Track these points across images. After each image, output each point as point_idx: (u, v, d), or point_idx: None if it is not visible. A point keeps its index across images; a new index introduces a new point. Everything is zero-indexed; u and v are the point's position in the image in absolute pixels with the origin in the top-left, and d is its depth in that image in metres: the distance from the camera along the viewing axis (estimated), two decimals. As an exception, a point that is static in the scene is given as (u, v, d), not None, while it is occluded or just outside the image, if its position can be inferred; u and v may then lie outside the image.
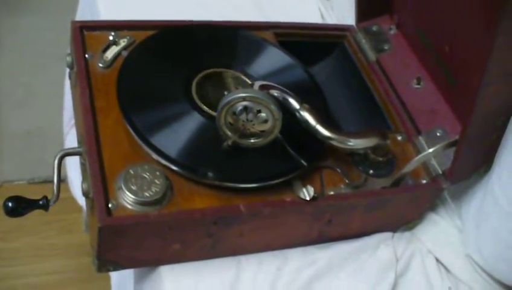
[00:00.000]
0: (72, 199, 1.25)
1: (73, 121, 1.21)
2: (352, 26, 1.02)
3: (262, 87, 0.73)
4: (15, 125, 1.85)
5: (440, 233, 0.88)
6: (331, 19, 1.16)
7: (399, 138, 0.87)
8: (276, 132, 0.73)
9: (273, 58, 0.89)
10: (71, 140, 1.24)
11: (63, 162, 0.74)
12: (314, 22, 1.12)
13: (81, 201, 1.23)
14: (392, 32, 1.00)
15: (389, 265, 0.83)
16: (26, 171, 1.75)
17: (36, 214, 0.75)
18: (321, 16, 1.17)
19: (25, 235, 1.60)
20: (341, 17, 1.15)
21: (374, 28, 1.01)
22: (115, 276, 0.99)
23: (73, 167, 1.23)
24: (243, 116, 0.71)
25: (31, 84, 1.95)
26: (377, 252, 0.84)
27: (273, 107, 0.70)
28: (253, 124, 0.72)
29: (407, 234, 0.88)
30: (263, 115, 0.71)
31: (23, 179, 1.74)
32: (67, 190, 1.26)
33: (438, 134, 0.85)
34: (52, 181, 0.72)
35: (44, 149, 1.76)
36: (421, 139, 0.86)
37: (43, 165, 1.70)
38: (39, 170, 1.72)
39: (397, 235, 0.87)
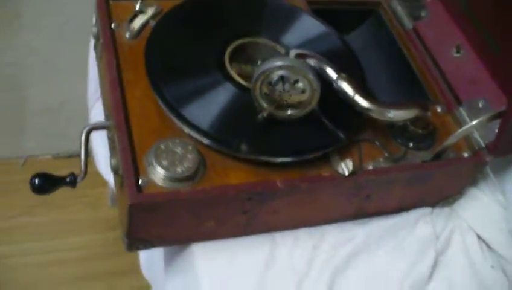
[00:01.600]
0: (97, 174, 1.23)
1: (98, 94, 1.19)
2: (387, -8, 0.98)
3: (298, 55, 0.70)
4: (38, 100, 1.84)
5: (482, 209, 0.85)
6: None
7: (438, 109, 0.84)
8: (314, 103, 0.69)
9: (306, 26, 0.85)
10: (96, 114, 1.22)
11: (90, 134, 0.71)
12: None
13: (107, 176, 1.21)
14: (429, -2, 0.95)
15: (428, 242, 0.81)
16: (50, 146, 1.74)
17: (62, 189, 0.72)
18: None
19: (51, 210, 1.60)
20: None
21: (410, -6, 0.96)
22: (144, 253, 0.97)
23: (98, 141, 1.21)
24: (279, 87, 0.68)
25: (52, 58, 1.93)
26: (416, 228, 0.82)
27: (311, 76, 0.67)
28: (290, 95, 0.69)
29: (446, 209, 0.85)
30: (300, 85, 0.68)
31: (48, 153, 1.73)
32: (93, 164, 1.24)
33: (480, 105, 0.82)
34: (79, 156, 0.70)
35: (69, 123, 1.74)
36: (462, 111, 0.82)
37: (68, 139, 1.68)
38: (64, 144, 1.71)
39: (436, 210, 0.84)
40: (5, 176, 1.64)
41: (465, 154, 0.80)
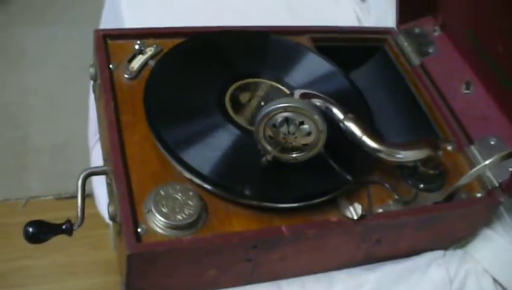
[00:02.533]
0: (99, 215, 1.21)
1: (98, 135, 1.17)
2: (392, 28, 0.96)
3: (303, 96, 0.67)
4: (40, 140, 1.83)
5: (496, 251, 0.81)
6: (368, 22, 1.10)
7: (449, 147, 0.81)
8: (321, 145, 0.66)
9: (311, 65, 0.83)
10: (97, 155, 1.20)
11: (88, 179, 0.69)
12: (350, 25, 1.07)
13: (108, 218, 1.19)
14: (436, 33, 0.93)
15: (442, 287, 0.78)
16: (52, 187, 1.72)
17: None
18: (357, 19, 1.12)
19: (52, 253, 1.58)
20: (379, 19, 1.09)
21: (417, 30, 0.94)
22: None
23: (99, 183, 1.19)
24: (284, 129, 0.65)
25: (55, 98, 1.93)
26: (428, 272, 0.79)
27: (317, 118, 0.64)
28: (295, 137, 0.66)
29: (459, 252, 0.82)
30: (306, 126, 0.65)
31: (50, 194, 1.71)
32: (94, 206, 1.22)
33: (492, 143, 0.80)
34: (76, 202, 0.67)
35: (71, 163, 1.73)
36: (474, 149, 0.80)
37: (70, 179, 1.65)
38: (66, 184, 1.69)
39: (449, 253, 0.81)
40: (6, 218, 1.62)
41: (478, 195, 0.77)
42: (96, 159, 1.19)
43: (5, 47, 2.07)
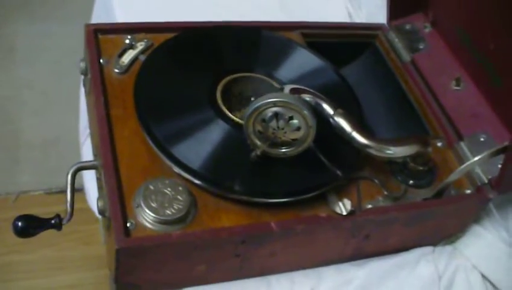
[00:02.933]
0: (89, 209, 1.20)
1: (88, 130, 1.16)
2: (383, 24, 0.96)
3: (293, 91, 0.67)
4: (31, 135, 1.82)
5: (485, 247, 0.82)
6: (360, 18, 1.10)
7: (439, 144, 0.81)
8: (310, 140, 0.66)
9: (302, 60, 0.83)
10: (87, 150, 1.20)
11: (78, 173, 0.69)
12: (341, 21, 1.07)
13: (98, 213, 1.18)
14: (426, 30, 0.94)
15: (431, 283, 0.78)
16: (43, 181, 1.71)
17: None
18: (349, 15, 1.12)
19: (41, 247, 1.56)
20: (370, 15, 1.09)
21: (407, 27, 0.95)
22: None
23: (90, 177, 1.19)
24: (273, 124, 0.65)
25: (47, 93, 1.92)
26: (417, 268, 0.79)
27: (306, 113, 0.64)
28: (285, 132, 0.66)
29: (448, 248, 0.82)
30: (295, 121, 0.65)
31: (41, 189, 1.70)
32: (84, 201, 1.21)
33: (482, 139, 0.80)
34: (65, 197, 0.67)
35: (62, 158, 1.72)
36: (463, 146, 0.80)
37: (61, 174, 1.64)
38: (56, 179, 1.68)
39: (438, 249, 0.81)
40: (-4, 213, 1.61)
41: (468, 191, 0.77)
42: (87, 153, 1.19)
43: (-4, 42, 2.06)
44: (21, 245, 1.54)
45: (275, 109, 0.64)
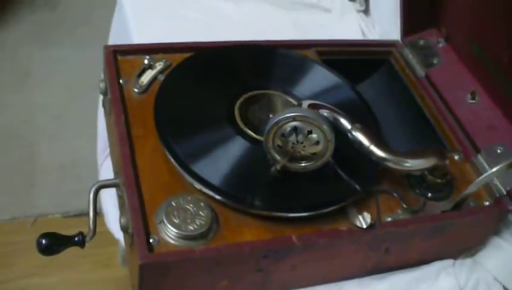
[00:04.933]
0: (107, 232, 1.21)
1: (107, 151, 1.17)
2: (397, 41, 0.97)
3: (311, 106, 0.68)
4: (48, 158, 1.84)
5: (506, 259, 0.81)
6: (373, 35, 1.11)
7: (456, 157, 0.81)
8: (329, 154, 0.67)
9: (318, 77, 0.84)
10: (106, 171, 1.20)
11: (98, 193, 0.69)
12: (356, 38, 1.08)
13: (117, 234, 1.19)
14: (440, 45, 0.94)
15: (452, 296, 0.77)
16: (60, 205, 1.72)
17: (71, 249, 0.70)
18: (362, 32, 1.13)
19: (60, 270, 1.57)
20: (383, 32, 1.10)
21: (421, 42, 0.95)
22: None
23: (107, 199, 1.19)
24: (293, 138, 0.66)
25: (62, 117, 1.94)
26: (438, 281, 0.79)
27: (325, 127, 0.65)
28: (304, 146, 0.67)
29: (469, 260, 0.82)
30: (314, 136, 0.66)
31: (58, 212, 1.71)
32: (102, 223, 1.22)
33: (499, 151, 0.80)
34: (88, 216, 0.68)
35: (79, 181, 1.73)
36: (480, 158, 0.80)
37: (78, 197, 1.66)
38: (74, 202, 1.70)
39: (458, 262, 0.81)
40: (14, 236, 1.62)
41: (486, 203, 0.77)
42: (105, 174, 1.20)
43: (11, 66, 2.08)
44: (40, 268, 1.55)
45: (294, 123, 0.65)
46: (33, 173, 1.79)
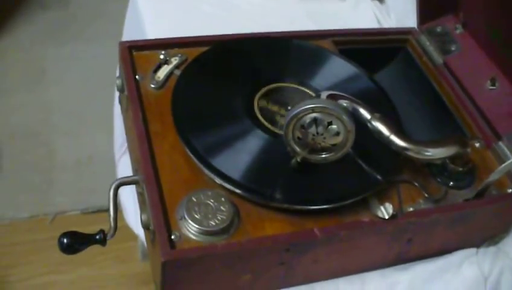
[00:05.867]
0: (126, 227, 1.21)
1: (124, 147, 1.17)
2: (414, 28, 0.96)
3: (330, 97, 0.67)
4: (65, 156, 1.84)
5: (530, 246, 0.80)
6: (388, 24, 1.10)
7: (477, 144, 0.81)
8: (349, 145, 0.66)
9: (335, 68, 0.83)
10: (123, 167, 1.21)
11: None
12: (372, 27, 1.07)
13: (137, 230, 1.19)
14: (458, 31, 0.93)
15: (476, 285, 0.77)
16: (78, 201, 1.73)
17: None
18: (377, 21, 1.11)
19: (79, 267, 1.58)
20: (399, 20, 1.09)
21: (438, 29, 0.94)
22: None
23: (126, 194, 1.19)
24: (313, 130, 0.65)
25: (78, 113, 1.94)
26: (462, 270, 0.78)
27: (345, 118, 0.64)
28: (324, 138, 0.66)
29: (492, 249, 0.81)
30: (334, 127, 0.65)
31: (77, 209, 1.71)
32: (121, 218, 1.22)
33: (521, 138, 0.79)
34: (108, 213, 0.68)
35: (96, 178, 1.74)
36: (502, 145, 0.79)
37: (96, 194, 1.68)
38: (92, 199, 1.70)
39: (481, 250, 0.80)
40: (33, 234, 1.63)
41: (509, 190, 0.76)
42: (123, 170, 1.20)
43: (26, 65, 2.09)
44: (59, 265, 1.56)
45: (313, 114, 0.64)
46: (51, 171, 1.80)
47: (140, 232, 1.04)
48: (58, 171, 1.80)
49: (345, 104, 0.68)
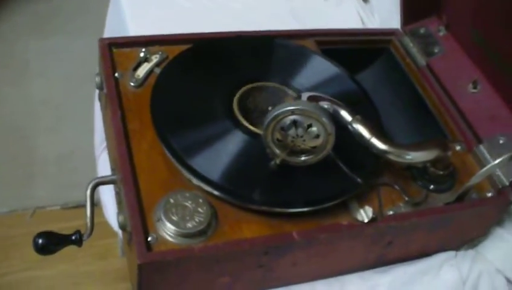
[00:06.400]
0: (106, 223, 1.20)
1: (104, 144, 1.16)
2: (397, 29, 0.95)
3: (311, 98, 0.67)
4: (46, 150, 1.83)
5: (509, 250, 0.81)
6: (372, 24, 1.10)
7: (458, 147, 0.80)
8: (329, 147, 0.66)
9: (317, 68, 0.83)
10: (103, 164, 1.19)
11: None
12: (354, 27, 1.06)
13: (116, 227, 1.18)
14: (441, 33, 0.93)
15: (455, 287, 0.77)
16: (59, 196, 1.72)
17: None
18: (361, 20, 1.11)
19: (59, 263, 1.56)
20: (383, 20, 1.09)
21: (422, 31, 0.94)
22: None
23: (106, 191, 1.18)
24: (292, 132, 0.65)
25: (60, 108, 1.93)
26: (441, 273, 0.78)
27: (325, 120, 0.64)
28: (304, 140, 0.65)
29: (471, 252, 0.81)
30: (314, 129, 0.64)
31: (57, 204, 1.70)
32: (101, 215, 1.21)
33: (501, 141, 0.79)
34: (85, 212, 0.67)
35: (77, 173, 1.73)
36: (483, 148, 0.79)
37: (76, 189, 1.65)
38: (72, 194, 1.69)
39: (460, 253, 0.81)
40: (13, 229, 1.62)
41: (489, 194, 0.76)
42: (103, 167, 1.19)
43: (9, 58, 2.07)
44: (39, 261, 1.53)
45: (293, 117, 0.64)
46: (31, 165, 1.79)
47: (119, 230, 1.03)
48: (39, 165, 1.79)
49: (325, 106, 0.67)
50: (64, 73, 2.02)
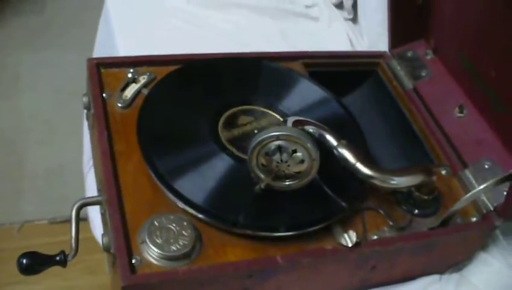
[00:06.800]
0: (94, 239, 1.20)
1: (92, 162, 1.16)
2: (385, 52, 0.96)
3: (296, 123, 0.67)
4: (35, 164, 1.82)
5: (493, 274, 0.81)
6: (361, 46, 1.11)
7: (443, 172, 0.81)
8: (314, 172, 0.66)
9: (304, 91, 0.83)
10: (91, 180, 1.19)
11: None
12: (343, 49, 1.07)
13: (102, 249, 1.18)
14: (428, 57, 0.94)
15: (439, 311, 0.77)
16: (47, 211, 1.71)
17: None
18: (350, 42, 1.12)
19: (46, 278, 1.52)
20: (371, 42, 1.09)
21: (409, 54, 0.95)
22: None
23: (94, 207, 1.18)
24: (277, 157, 0.65)
25: (49, 122, 1.92)
26: (425, 297, 0.78)
27: (309, 146, 0.64)
28: (288, 165, 0.66)
29: (455, 275, 0.81)
30: (299, 154, 0.65)
31: (45, 218, 1.69)
32: (89, 230, 1.21)
33: (486, 166, 0.79)
34: (70, 233, 0.67)
35: (66, 187, 1.72)
36: (468, 173, 0.79)
37: (65, 203, 1.64)
38: (60, 208, 1.68)
39: (445, 277, 0.81)
40: (1, 243, 1.60)
41: (474, 219, 0.76)
42: (91, 183, 1.18)
43: (0, 71, 2.07)
44: (27, 276, 1.53)
45: (278, 142, 0.64)
46: (20, 179, 1.78)
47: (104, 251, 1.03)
48: (28, 179, 1.78)
49: (311, 130, 0.68)
50: (55, 87, 2.02)
